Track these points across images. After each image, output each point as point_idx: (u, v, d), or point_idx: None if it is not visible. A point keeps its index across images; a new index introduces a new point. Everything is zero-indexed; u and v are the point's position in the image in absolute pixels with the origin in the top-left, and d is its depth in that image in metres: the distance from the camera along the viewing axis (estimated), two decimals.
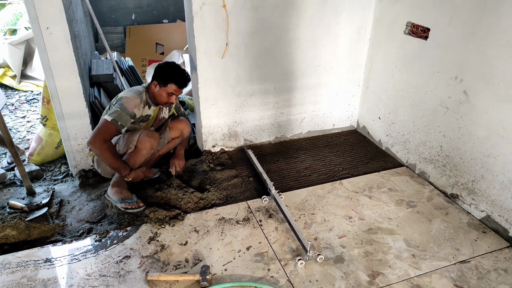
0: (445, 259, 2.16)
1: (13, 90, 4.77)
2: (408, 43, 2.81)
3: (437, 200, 2.65)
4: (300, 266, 2.09)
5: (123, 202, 2.47)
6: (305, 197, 2.69)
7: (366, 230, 2.38)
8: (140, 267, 2.10)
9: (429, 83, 2.69)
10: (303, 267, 2.10)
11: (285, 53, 3.04)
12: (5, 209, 2.54)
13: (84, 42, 3.44)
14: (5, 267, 2.09)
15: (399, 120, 3.04)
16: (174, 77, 2.38)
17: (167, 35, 5.45)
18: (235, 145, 3.32)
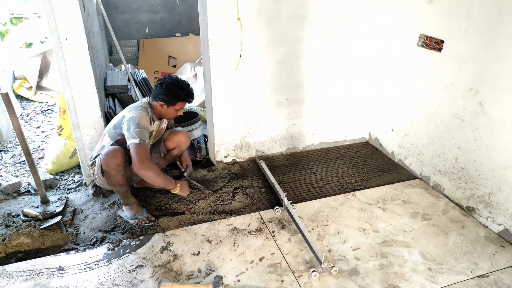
0: (462, 273, 2.11)
1: (29, 101, 4.86)
2: (421, 55, 2.81)
3: (453, 213, 2.61)
4: (314, 278, 2.06)
5: (134, 218, 2.49)
6: (318, 208, 2.67)
7: (381, 243, 2.34)
8: (153, 276, 2.09)
9: (443, 95, 2.68)
10: (317, 279, 2.07)
11: (298, 65, 3.06)
12: (20, 217, 2.56)
13: (100, 54, 3.51)
14: (19, 274, 2.09)
15: (413, 132, 3.02)
16: (182, 95, 2.39)
17: (180, 48, 5.54)
18: (247, 156, 3.33)
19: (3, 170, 3.24)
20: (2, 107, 3.76)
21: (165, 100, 2.38)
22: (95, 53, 2.99)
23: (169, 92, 2.36)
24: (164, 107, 2.41)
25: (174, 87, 2.37)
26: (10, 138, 3.84)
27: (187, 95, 2.41)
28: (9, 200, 2.77)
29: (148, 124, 2.35)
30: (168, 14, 5.67)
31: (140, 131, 2.26)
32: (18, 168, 3.30)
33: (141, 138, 2.24)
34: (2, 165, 3.35)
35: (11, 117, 2.36)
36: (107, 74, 3.56)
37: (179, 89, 2.38)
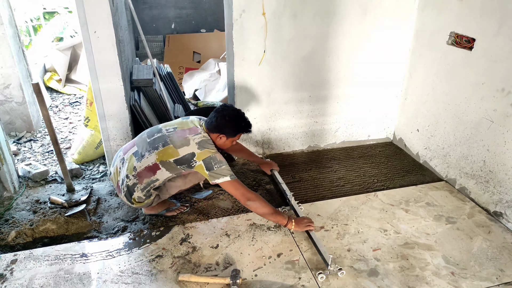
0: (487, 280, 2.04)
1: (58, 93, 5.02)
2: (451, 54, 2.72)
3: (479, 217, 2.52)
4: (321, 280, 2.02)
5: (169, 210, 2.53)
6: (338, 207, 2.64)
7: (402, 245, 2.29)
8: (172, 267, 2.12)
9: (472, 95, 2.59)
10: (336, 278, 2.05)
11: (322, 62, 3.03)
12: (47, 204, 2.65)
13: (127, 48, 3.58)
14: (45, 259, 2.16)
15: (439, 133, 2.94)
16: (243, 127, 2.32)
17: (204, 44, 5.58)
18: (268, 152, 3.32)
19: (32, 159, 3.36)
20: (33, 98, 3.90)
21: (226, 133, 2.27)
22: (122, 46, 3.05)
23: (232, 124, 2.27)
24: (223, 139, 2.29)
25: (237, 119, 2.29)
26: (40, 128, 3.97)
27: (248, 126, 2.33)
28: (37, 188, 2.87)
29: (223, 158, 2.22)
30: (194, 10, 5.72)
31: (225, 168, 2.17)
32: (46, 157, 3.42)
33: (231, 174, 2.18)
34: (32, 153, 3.47)
35: (41, 106, 2.44)
36: (133, 68, 3.63)
37: (242, 120, 2.31)
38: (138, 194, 2.24)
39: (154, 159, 2.19)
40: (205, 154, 2.16)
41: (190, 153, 2.16)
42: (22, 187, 2.85)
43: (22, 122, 3.79)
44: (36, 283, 2.00)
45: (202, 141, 2.20)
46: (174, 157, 2.17)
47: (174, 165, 2.19)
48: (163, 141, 2.22)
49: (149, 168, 2.19)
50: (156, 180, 2.22)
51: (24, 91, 3.65)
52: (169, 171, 2.21)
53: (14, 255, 2.18)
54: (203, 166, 2.15)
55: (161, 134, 2.26)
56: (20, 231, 2.38)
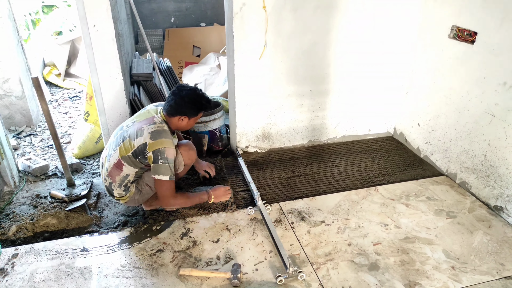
0: (488, 274, 2.04)
1: (57, 88, 4.99)
2: (453, 47, 2.71)
3: (479, 212, 2.52)
4: (280, 284, 1.98)
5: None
6: (339, 201, 2.64)
7: (403, 239, 2.29)
8: (173, 261, 2.12)
9: (474, 89, 2.58)
10: (336, 272, 2.05)
11: (323, 56, 3.01)
12: (47, 198, 2.64)
13: (126, 42, 3.56)
14: (46, 253, 2.17)
15: (440, 127, 2.93)
16: (204, 105, 2.28)
17: (204, 38, 5.55)
18: (268, 146, 3.32)
19: (32, 153, 3.36)
20: (33, 92, 3.88)
21: (188, 113, 2.24)
22: (121, 40, 3.03)
23: (192, 104, 2.23)
24: (185, 120, 2.26)
25: (196, 97, 2.25)
26: (39, 123, 3.96)
27: (208, 103, 2.30)
28: (37, 182, 2.87)
29: (174, 154, 2.20)
30: (194, 3, 5.67)
31: (169, 166, 2.17)
32: (46, 151, 3.41)
33: (171, 175, 2.19)
34: (32, 148, 3.46)
35: (40, 100, 2.43)
36: (133, 62, 3.61)
37: (201, 98, 2.27)
38: (117, 192, 2.31)
39: (117, 155, 2.22)
40: (155, 146, 2.14)
41: (142, 144, 2.16)
42: (22, 181, 2.85)
43: (21, 117, 3.77)
44: (38, 278, 2.00)
45: (156, 131, 2.17)
46: (131, 150, 2.19)
47: (133, 159, 2.20)
48: (123, 137, 2.24)
49: (116, 166, 2.24)
50: (127, 175, 2.26)
51: (23, 85, 3.63)
52: (132, 166, 2.23)
53: (15, 249, 2.18)
54: (152, 157, 2.15)
55: (122, 131, 2.28)
56: (21, 225, 2.38)
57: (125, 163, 2.22)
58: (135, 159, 2.21)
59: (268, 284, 1.98)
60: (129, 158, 2.21)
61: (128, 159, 2.21)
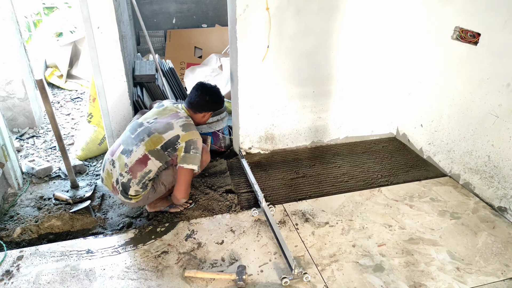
0: (493, 275, 2.05)
1: (59, 89, 5.00)
2: (456, 48, 2.71)
3: (483, 213, 2.52)
4: (285, 285, 1.98)
5: (172, 206, 2.53)
6: (343, 203, 2.64)
7: (407, 240, 2.30)
8: (178, 263, 2.12)
9: (477, 90, 2.58)
10: (341, 273, 2.06)
11: (326, 57, 3.02)
12: (51, 200, 2.65)
13: (129, 43, 3.56)
14: (51, 255, 2.17)
15: (443, 128, 2.93)
16: (221, 101, 2.51)
17: (206, 39, 5.55)
18: (271, 148, 3.32)
19: (35, 155, 3.36)
20: (35, 94, 3.89)
21: (213, 108, 2.44)
22: (124, 42, 3.04)
23: (215, 101, 2.44)
24: (207, 116, 2.46)
25: (218, 94, 2.47)
26: (42, 124, 3.96)
27: (222, 99, 2.53)
28: (41, 184, 2.87)
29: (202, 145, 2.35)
30: (195, 4, 5.68)
31: (199, 156, 2.26)
32: (50, 153, 3.41)
33: (198, 165, 2.26)
34: (35, 150, 3.47)
35: (44, 103, 2.43)
36: (135, 63, 3.61)
37: (219, 94, 2.49)
38: (134, 189, 2.26)
39: (143, 150, 2.23)
40: (188, 136, 2.24)
41: (175, 136, 2.24)
42: (26, 183, 2.85)
43: (24, 119, 3.78)
44: (43, 279, 2.01)
45: (186, 124, 2.29)
46: (161, 143, 2.23)
47: (162, 152, 2.24)
48: (148, 132, 2.27)
49: (140, 161, 2.22)
50: (150, 172, 2.26)
51: (26, 87, 3.63)
52: (158, 160, 2.25)
53: (20, 251, 2.19)
54: (183, 147, 2.22)
55: (143, 127, 2.30)
56: (25, 227, 2.38)
57: (152, 157, 2.23)
58: (163, 152, 2.24)
59: (273, 286, 1.98)
60: (157, 152, 2.23)
61: (156, 152, 2.23)
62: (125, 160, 2.25)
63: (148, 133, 2.26)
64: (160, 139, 2.23)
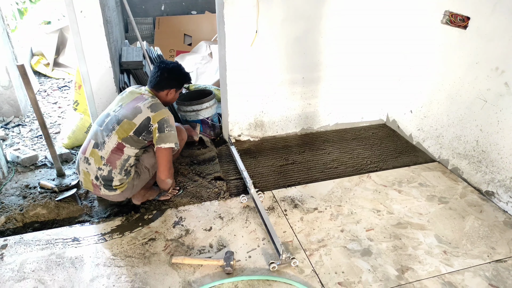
0: (479, 257, 2.06)
1: (46, 77, 4.90)
2: (445, 33, 2.69)
3: (471, 197, 2.53)
4: (273, 270, 1.98)
5: (161, 195, 2.49)
6: (332, 188, 2.63)
7: (395, 225, 2.30)
8: (165, 250, 2.11)
9: (467, 75, 2.57)
10: (329, 258, 2.06)
11: (315, 43, 2.98)
12: (37, 189, 2.60)
13: (115, 29, 3.49)
14: (36, 243, 2.14)
15: (433, 114, 2.93)
16: (187, 77, 2.42)
17: (195, 26, 5.47)
18: (260, 135, 3.29)
19: (21, 144, 3.30)
20: (20, 82, 3.80)
21: (175, 86, 2.36)
22: (110, 27, 2.97)
23: (177, 76, 2.35)
24: (172, 94, 2.37)
25: (179, 70, 2.36)
26: (28, 113, 3.89)
27: (188, 74, 2.42)
28: (26, 173, 2.83)
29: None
30: None
31: (174, 134, 2.24)
32: (36, 142, 3.35)
33: (176, 142, 2.23)
34: (20, 138, 3.40)
35: (27, 89, 2.37)
36: (122, 50, 3.54)
37: (184, 70, 2.40)
38: (118, 178, 2.22)
39: (116, 139, 2.18)
40: (159, 116, 2.20)
41: (145, 118, 2.18)
42: (11, 172, 2.80)
43: (9, 107, 3.70)
44: (28, 268, 1.98)
45: (154, 104, 2.24)
46: (133, 129, 2.17)
47: (136, 137, 2.19)
48: (116, 120, 2.21)
49: (115, 150, 2.18)
50: (128, 158, 2.22)
51: (10, 74, 3.55)
52: (134, 146, 2.21)
53: (4, 240, 2.15)
54: (157, 127, 2.18)
55: (110, 117, 2.24)
56: (10, 216, 2.34)
57: (127, 145, 2.18)
58: (138, 137, 2.19)
59: (261, 271, 1.97)
60: (131, 138, 2.18)
61: (130, 139, 2.18)
62: (100, 154, 2.20)
63: (117, 121, 2.19)
64: (131, 125, 2.17)
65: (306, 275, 1.96)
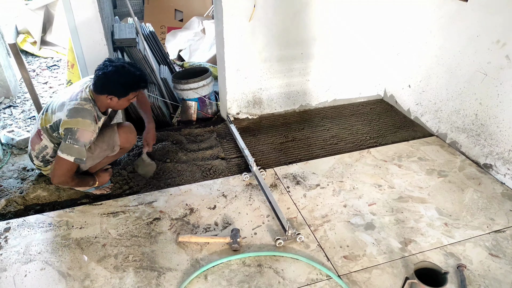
0: (479, 228, 2.11)
1: (34, 57, 4.75)
2: (445, 5, 2.66)
3: (469, 170, 2.58)
4: (279, 246, 2.00)
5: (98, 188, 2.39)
6: (333, 165, 2.65)
7: (397, 199, 2.34)
8: (171, 228, 2.11)
9: (467, 48, 2.56)
10: (334, 233, 2.09)
11: (314, 17, 2.92)
12: (34, 171, 2.56)
13: (106, 5, 3.36)
14: (39, 225, 2.12)
15: (431, 88, 2.93)
16: (134, 84, 2.03)
17: (186, 1, 5.31)
18: (259, 112, 3.27)
19: (14, 125, 3.22)
20: (8, 61, 3.68)
21: (115, 93, 2.00)
22: (102, 3, 2.85)
23: (117, 83, 1.98)
24: (114, 100, 2.04)
25: (120, 76, 1.96)
26: (19, 94, 3.78)
27: (140, 81, 2.03)
28: (22, 155, 2.77)
29: (90, 137, 2.01)
30: None
31: (78, 149, 1.97)
32: (29, 123, 3.28)
33: (77, 157, 1.98)
34: (13, 120, 3.32)
35: (20, 68, 2.30)
36: (114, 27, 3.43)
37: (130, 76, 1.99)
38: (36, 162, 2.21)
39: (38, 124, 2.10)
40: (69, 124, 1.96)
41: (58, 120, 2.00)
42: (7, 155, 2.75)
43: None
44: (33, 250, 1.97)
45: (75, 108, 1.98)
46: (49, 123, 2.05)
47: (51, 132, 2.07)
48: (47, 106, 2.09)
49: (36, 133, 2.12)
50: (45, 147, 2.13)
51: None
52: (49, 139, 2.10)
53: (6, 223, 2.13)
54: (63, 134, 1.99)
55: (51, 99, 2.13)
56: (10, 199, 2.31)
57: (44, 134, 2.08)
58: (52, 133, 2.07)
59: (267, 247, 2.00)
60: (47, 131, 2.08)
61: (46, 131, 2.08)
62: (33, 128, 2.15)
63: (46, 108, 2.08)
64: (49, 120, 2.04)
65: (311, 250, 1.99)
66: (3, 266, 1.88)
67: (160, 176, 2.52)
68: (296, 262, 1.92)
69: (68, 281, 1.81)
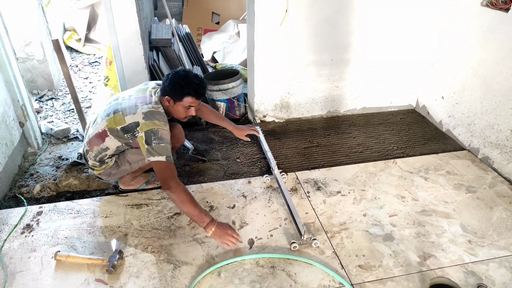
0: (505, 249, 2.02)
1: (78, 53, 5.02)
2: (485, 16, 2.57)
3: (501, 188, 2.47)
4: (294, 250, 2.00)
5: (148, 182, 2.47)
6: (356, 173, 2.62)
7: (420, 212, 2.28)
8: (190, 224, 2.17)
9: (505, 61, 2.46)
10: (350, 241, 2.07)
11: (346, 23, 2.91)
12: (69, 160, 2.71)
13: (145, 6, 3.51)
14: (68, 212, 2.25)
15: (465, 100, 2.83)
16: (189, 88, 2.07)
17: (223, 4, 5.42)
18: (286, 116, 3.29)
19: (54, 117, 3.43)
20: (54, 56, 3.92)
21: (172, 94, 2.08)
22: (141, 4, 2.99)
23: (173, 84, 2.06)
24: (171, 103, 2.11)
25: (179, 78, 2.06)
26: (61, 87, 4.02)
27: (194, 86, 2.08)
28: (59, 145, 2.95)
29: (168, 136, 2.04)
30: None
31: (165, 146, 1.99)
32: (68, 115, 3.47)
33: (168, 155, 1.99)
34: (53, 111, 3.53)
35: (61, 63, 2.45)
36: (152, 27, 3.57)
37: (185, 79, 2.06)
38: (91, 162, 2.23)
39: (104, 126, 2.12)
40: (148, 126, 1.99)
41: (134, 122, 2.04)
42: (45, 143, 2.93)
43: (43, 81, 3.83)
44: (61, 234, 2.09)
45: (150, 111, 2.04)
46: (122, 125, 2.07)
47: (121, 133, 2.10)
48: (115, 109, 2.12)
49: (98, 135, 2.14)
50: (107, 149, 2.16)
51: (44, 48, 3.66)
52: (117, 139, 2.13)
53: (39, 207, 2.27)
54: (143, 138, 1.99)
55: (115, 102, 2.17)
56: (44, 185, 2.46)
57: (111, 135, 2.12)
58: (123, 134, 2.11)
59: (282, 250, 2.01)
60: (117, 132, 2.11)
61: (115, 132, 2.11)
62: (90, 131, 2.20)
63: (114, 110, 2.12)
64: (122, 121, 2.07)
65: (326, 256, 1.98)
66: (33, 247, 2.01)
67: (186, 173, 2.59)
68: (310, 267, 1.92)
69: (90, 266, 1.90)
